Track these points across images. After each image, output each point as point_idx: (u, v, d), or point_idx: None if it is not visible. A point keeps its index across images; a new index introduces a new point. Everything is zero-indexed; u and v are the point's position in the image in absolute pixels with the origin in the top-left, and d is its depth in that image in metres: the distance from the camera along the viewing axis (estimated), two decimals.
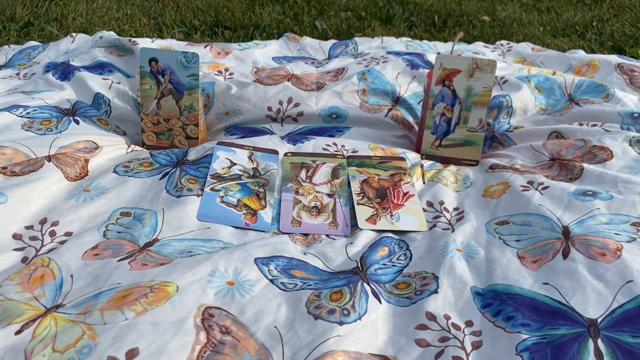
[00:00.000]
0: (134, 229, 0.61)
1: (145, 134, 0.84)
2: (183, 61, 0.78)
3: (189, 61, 0.78)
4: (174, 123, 0.82)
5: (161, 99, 0.81)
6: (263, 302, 0.51)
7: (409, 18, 1.84)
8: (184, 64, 0.78)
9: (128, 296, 0.49)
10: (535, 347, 0.46)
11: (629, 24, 1.77)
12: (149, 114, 0.82)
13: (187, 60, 0.78)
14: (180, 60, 0.78)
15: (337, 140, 0.84)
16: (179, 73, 0.79)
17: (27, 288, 0.51)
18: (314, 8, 1.86)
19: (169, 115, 0.82)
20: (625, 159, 0.75)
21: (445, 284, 0.55)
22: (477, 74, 0.81)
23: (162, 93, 0.80)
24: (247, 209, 0.67)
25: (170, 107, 0.82)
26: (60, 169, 0.69)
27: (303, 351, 0.47)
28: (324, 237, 0.65)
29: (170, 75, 0.79)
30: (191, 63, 0.78)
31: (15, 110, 0.82)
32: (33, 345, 0.44)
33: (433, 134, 0.85)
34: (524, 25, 1.81)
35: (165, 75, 0.79)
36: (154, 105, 0.81)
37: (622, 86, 1.07)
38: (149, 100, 0.81)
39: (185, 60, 0.78)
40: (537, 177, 0.72)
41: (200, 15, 1.74)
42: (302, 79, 1.02)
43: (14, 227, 0.60)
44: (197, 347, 0.45)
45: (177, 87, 0.80)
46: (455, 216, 0.68)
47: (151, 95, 0.81)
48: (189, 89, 0.81)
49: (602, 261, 0.54)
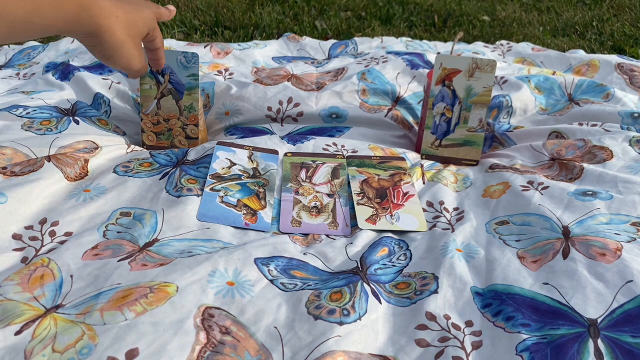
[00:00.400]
0: (134, 229, 0.61)
1: (145, 134, 0.83)
2: (183, 61, 0.78)
3: (189, 61, 0.78)
4: (173, 123, 0.82)
5: (161, 99, 0.80)
6: (263, 302, 0.51)
7: (409, 18, 1.84)
8: (183, 64, 0.78)
9: (128, 296, 0.49)
10: (535, 347, 0.46)
11: (629, 24, 1.77)
12: (149, 114, 0.82)
13: (187, 60, 0.78)
14: (180, 60, 0.78)
15: (337, 140, 0.84)
16: (178, 73, 0.79)
17: (27, 288, 0.50)
18: (314, 8, 1.86)
19: (169, 115, 0.82)
20: (625, 158, 0.75)
21: (445, 284, 0.55)
22: (477, 74, 0.81)
23: (162, 93, 0.80)
24: (247, 209, 0.67)
25: (170, 107, 0.81)
26: (60, 169, 0.69)
27: (303, 351, 0.47)
28: (323, 237, 0.65)
29: (170, 75, 0.79)
30: (191, 63, 0.78)
31: (15, 110, 0.82)
32: (33, 345, 0.44)
33: (433, 134, 0.85)
34: (523, 25, 1.81)
35: (165, 75, 0.79)
36: (154, 106, 0.80)
37: (622, 86, 1.07)
38: (148, 100, 0.81)
39: (185, 60, 0.78)
40: (537, 177, 0.72)
41: (200, 15, 1.74)
42: (302, 79, 1.02)
43: (13, 227, 0.60)
44: (197, 348, 0.45)
45: (177, 87, 0.80)
46: (455, 216, 0.68)
47: (151, 96, 0.81)
48: (189, 89, 0.80)
49: (602, 261, 0.54)
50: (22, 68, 1.14)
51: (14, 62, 1.18)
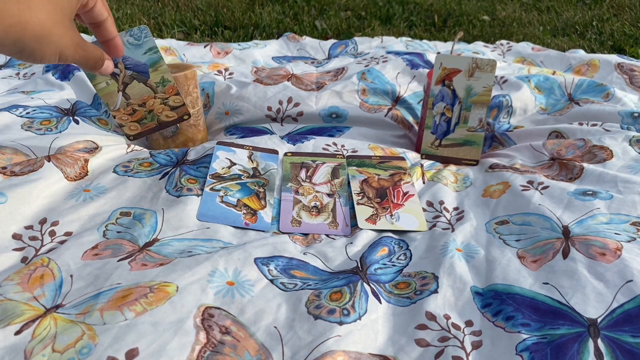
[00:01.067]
0: (134, 228, 0.61)
1: (126, 126, 0.74)
2: (132, 41, 0.67)
3: (139, 38, 0.67)
4: (151, 104, 0.72)
5: (125, 89, 0.71)
6: (263, 302, 0.51)
7: (409, 18, 1.84)
8: (134, 44, 0.67)
9: (128, 296, 0.49)
10: (535, 347, 0.46)
11: (629, 24, 1.77)
12: (119, 110, 0.72)
13: (136, 38, 0.67)
14: (128, 42, 0.67)
15: (337, 140, 0.84)
16: (133, 55, 0.68)
17: (27, 288, 0.50)
18: (314, 8, 1.86)
19: (143, 100, 0.72)
20: (625, 158, 0.75)
21: (445, 284, 0.55)
22: (477, 74, 0.81)
23: (124, 83, 0.70)
24: (247, 208, 0.67)
25: (140, 91, 0.71)
26: (60, 169, 0.69)
27: (303, 351, 0.47)
28: (323, 237, 0.65)
29: (124, 62, 0.68)
30: (142, 39, 0.67)
31: (15, 110, 0.82)
32: (33, 345, 0.44)
33: (433, 134, 0.85)
34: (523, 24, 1.81)
35: (118, 64, 0.68)
36: (120, 100, 0.71)
37: (622, 86, 1.07)
38: (112, 96, 0.71)
39: (134, 39, 0.67)
40: (537, 177, 0.72)
41: (200, 15, 1.74)
42: (302, 79, 1.02)
43: (13, 227, 0.60)
44: (197, 347, 0.45)
45: (138, 70, 0.69)
46: (455, 216, 0.68)
47: (112, 91, 0.70)
48: (152, 65, 0.70)
49: (602, 261, 0.54)
50: (22, 68, 1.14)
51: (14, 62, 1.18)
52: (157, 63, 0.70)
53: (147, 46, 0.68)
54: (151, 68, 0.70)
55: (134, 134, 0.75)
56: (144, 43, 0.68)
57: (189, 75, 0.83)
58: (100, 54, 0.54)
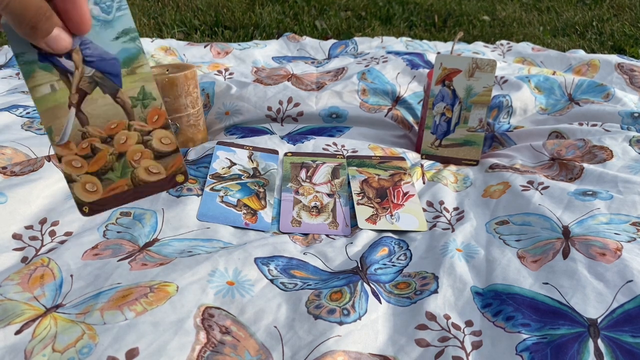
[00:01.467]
0: (134, 228, 0.61)
1: (77, 183, 0.38)
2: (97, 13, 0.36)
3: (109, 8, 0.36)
4: (122, 141, 0.39)
5: (82, 103, 0.37)
6: (263, 302, 0.51)
7: (409, 18, 1.84)
8: (100, 18, 0.36)
9: (128, 296, 0.49)
10: (535, 347, 0.46)
11: (629, 24, 1.77)
12: (69, 143, 0.38)
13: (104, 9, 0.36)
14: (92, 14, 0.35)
15: (337, 140, 0.84)
16: (96, 39, 0.36)
17: (27, 288, 0.50)
18: (314, 8, 1.86)
19: (109, 129, 0.38)
20: (625, 158, 0.75)
21: (445, 284, 0.55)
22: (477, 74, 0.81)
23: (81, 90, 0.37)
24: (247, 208, 0.67)
25: (106, 110, 0.38)
26: (60, 168, 0.69)
27: (303, 351, 0.47)
28: (323, 237, 0.65)
29: (83, 50, 0.36)
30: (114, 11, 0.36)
31: (15, 110, 0.82)
32: (33, 345, 0.44)
33: (433, 134, 0.85)
34: (524, 25, 1.81)
35: (73, 53, 0.36)
36: (72, 122, 0.37)
37: (622, 86, 1.07)
38: (57, 116, 0.37)
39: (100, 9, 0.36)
40: (537, 177, 0.72)
41: (200, 15, 1.74)
42: (302, 79, 1.02)
43: (13, 227, 0.60)
44: (197, 347, 0.45)
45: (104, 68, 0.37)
46: (455, 216, 0.68)
47: (59, 105, 0.37)
48: (128, 61, 0.37)
49: (602, 261, 0.54)
50: None
51: (14, 62, 1.18)
52: (134, 59, 0.38)
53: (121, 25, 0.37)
54: (125, 67, 0.38)
55: (90, 203, 0.39)
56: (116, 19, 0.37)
57: (189, 75, 0.83)
58: (43, 5, 0.32)
